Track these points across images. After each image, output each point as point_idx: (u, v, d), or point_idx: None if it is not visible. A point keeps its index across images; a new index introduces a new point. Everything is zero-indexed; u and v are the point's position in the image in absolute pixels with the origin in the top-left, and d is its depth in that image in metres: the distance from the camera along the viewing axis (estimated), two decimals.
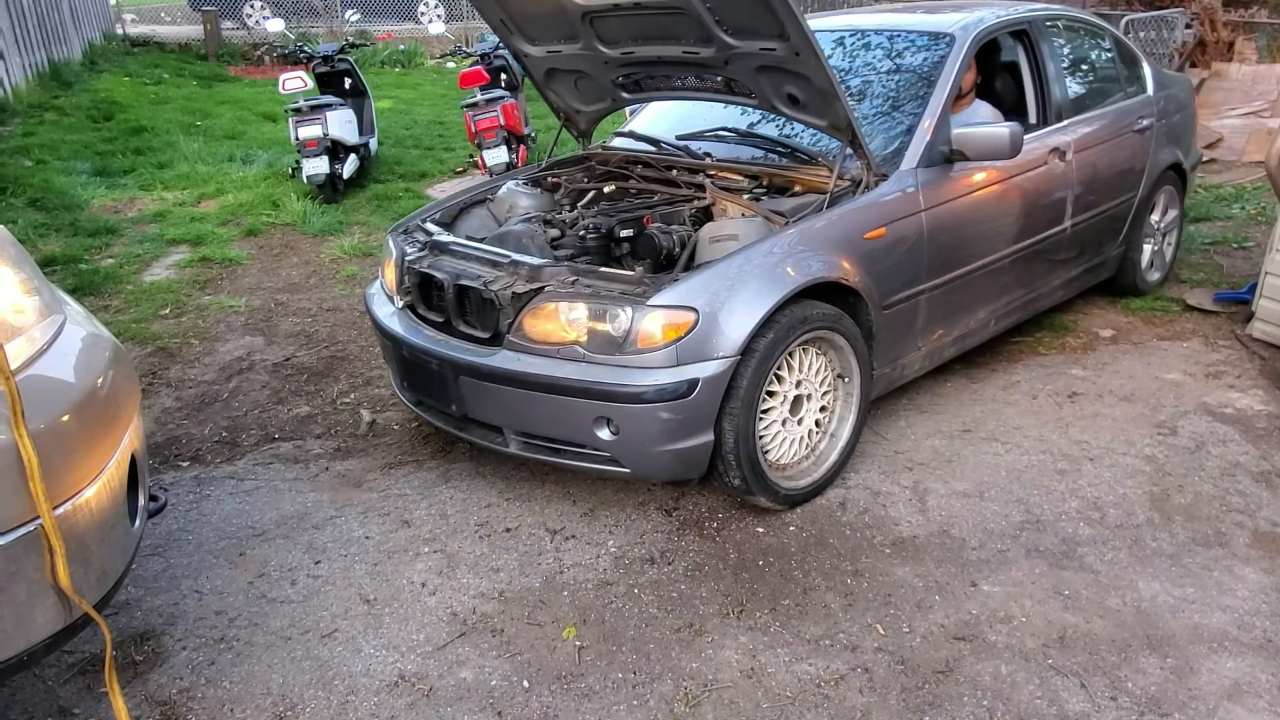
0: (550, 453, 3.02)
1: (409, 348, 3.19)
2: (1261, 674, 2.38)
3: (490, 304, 2.97)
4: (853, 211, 3.19)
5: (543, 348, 2.88)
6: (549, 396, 2.85)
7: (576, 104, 4.07)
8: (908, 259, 3.35)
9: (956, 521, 3.04)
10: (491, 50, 8.20)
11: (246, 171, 7.80)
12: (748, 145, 3.77)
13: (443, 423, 3.28)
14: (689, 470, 2.93)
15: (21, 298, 2.10)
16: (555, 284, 2.91)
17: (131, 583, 2.77)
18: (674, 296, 2.78)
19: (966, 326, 3.78)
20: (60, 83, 11.22)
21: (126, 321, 4.76)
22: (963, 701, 2.31)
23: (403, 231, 3.53)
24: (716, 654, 2.48)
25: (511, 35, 3.74)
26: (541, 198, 3.77)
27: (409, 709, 2.32)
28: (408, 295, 3.30)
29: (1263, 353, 4.21)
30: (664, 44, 3.35)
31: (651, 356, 2.76)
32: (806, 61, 3.00)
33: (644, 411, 2.76)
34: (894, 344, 3.40)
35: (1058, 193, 4.00)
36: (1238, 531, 2.96)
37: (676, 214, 3.37)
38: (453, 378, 3.04)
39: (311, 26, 15.35)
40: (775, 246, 2.97)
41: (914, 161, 3.40)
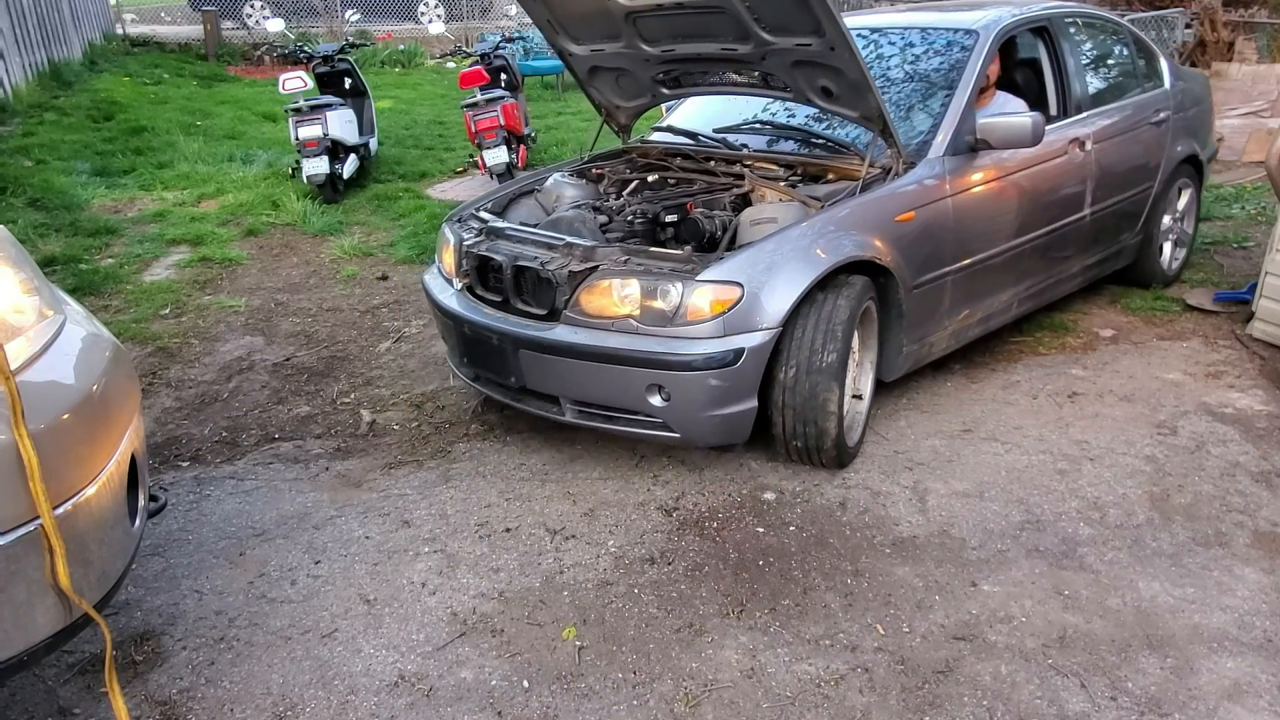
0: (604, 420, 3.21)
1: (470, 325, 3.38)
2: (1261, 674, 2.38)
3: (547, 283, 3.16)
4: (884, 196, 3.38)
5: (598, 321, 3.08)
6: (604, 366, 3.05)
7: (617, 100, 4.27)
8: (935, 242, 3.53)
9: (956, 521, 3.04)
10: (491, 50, 8.21)
11: (246, 171, 7.81)
12: (782, 137, 3.98)
13: (500, 395, 3.47)
14: (734, 435, 3.14)
15: (21, 298, 2.10)
16: (609, 263, 3.11)
17: (131, 583, 2.77)
18: (721, 273, 2.98)
19: (990, 308, 3.95)
20: (60, 83, 11.22)
21: (126, 321, 4.76)
22: (963, 701, 2.31)
23: (458, 220, 3.73)
24: (716, 654, 2.48)
25: (557, 34, 3.94)
26: (586, 188, 3.97)
27: (409, 709, 2.32)
28: (466, 277, 3.47)
29: (1263, 353, 4.21)
30: (703, 41, 3.53)
31: (700, 328, 2.96)
32: (841, 56, 3.18)
33: (694, 379, 2.96)
34: (922, 323, 3.58)
35: (1077, 182, 4.17)
36: (1238, 531, 2.96)
37: (717, 200, 3.58)
38: (512, 351, 3.23)
39: (311, 26, 15.35)
40: (812, 228, 3.17)
41: (941, 150, 3.59)
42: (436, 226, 6.25)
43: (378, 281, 5.44)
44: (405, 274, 5.57)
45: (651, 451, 3.50)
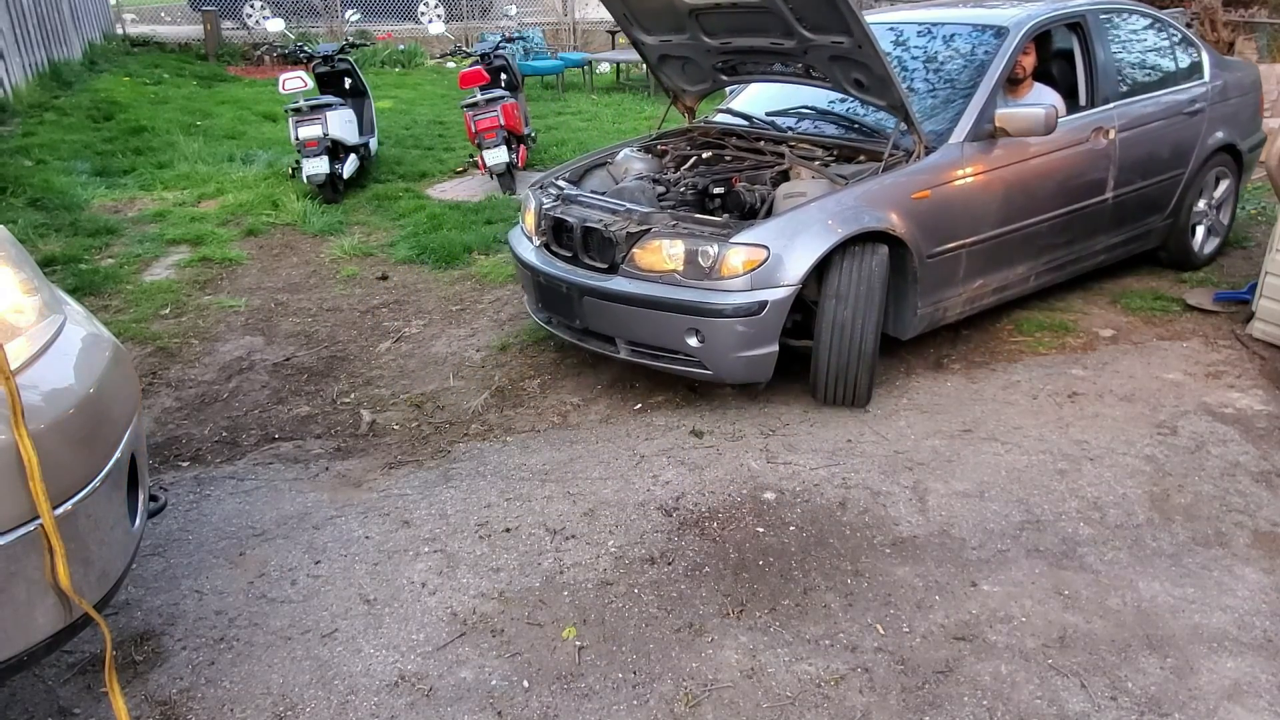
0: (651, 358, 3.76)
1: (545, 275, 3.93)
2: (1261, 674, 2.38)
3: (609, 241, 3.70)
4: (903, 176, 3.80)
5: (648, 274, 3.63)
6: (652, 312, 3.60)
7: (683, 84, 4.83)
8: (950, 218, 3.92)
9: (956, 521, 3.04)
10: (491, 50, 8.21)
11: (246, 171, 7.80)
12: (824, 122, 4.45)
13: (568, 335, 4.05)
14: (757, 374, 3.66)
15: (21, 298, 2.10)
16: (660, 226, 3.66)
17: (131, 583, 2.77)
18: (751, 237, 3.52)
19: (1006, 279, 4.31)
20: (60, 83, 11.22)
21: (126, 321, 4.76)
22: (963, 701, 2.31)
23: (539, 187, 4.27)
24: (716, 654, 2.48)
25: (631, 27, 4.53)
26: (652, 161, 4.48)
27: (409, 709, 2.32)
28: (544, 236, 4.04)
29: (1263, 353, 4.21)
30: (754, 36, 4.05)
31: (732, 282, 3.49)
32: (867, 53, 3.64)
33: (724, 324, 3.50)
34: (936, 289, 3.99)
35: (1099, 167, 4.48)
36: (1238, 531, 2.96)
37: (759, 176, 4.02)
38: (578, 298, 3.79)
39: (311, 26, 15.34)
40: (835, 202, 3.63)
41: (961, 136, 3.97)
42: (437, 226, 6.28)
43: (378, 281, 5.44)
44: (405, 274, 5.57)
45: (651, 451, 3.50)
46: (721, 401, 3.91)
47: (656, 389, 4.03)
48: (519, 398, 4.00)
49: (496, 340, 4.57)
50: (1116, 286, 5.09)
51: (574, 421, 3.78)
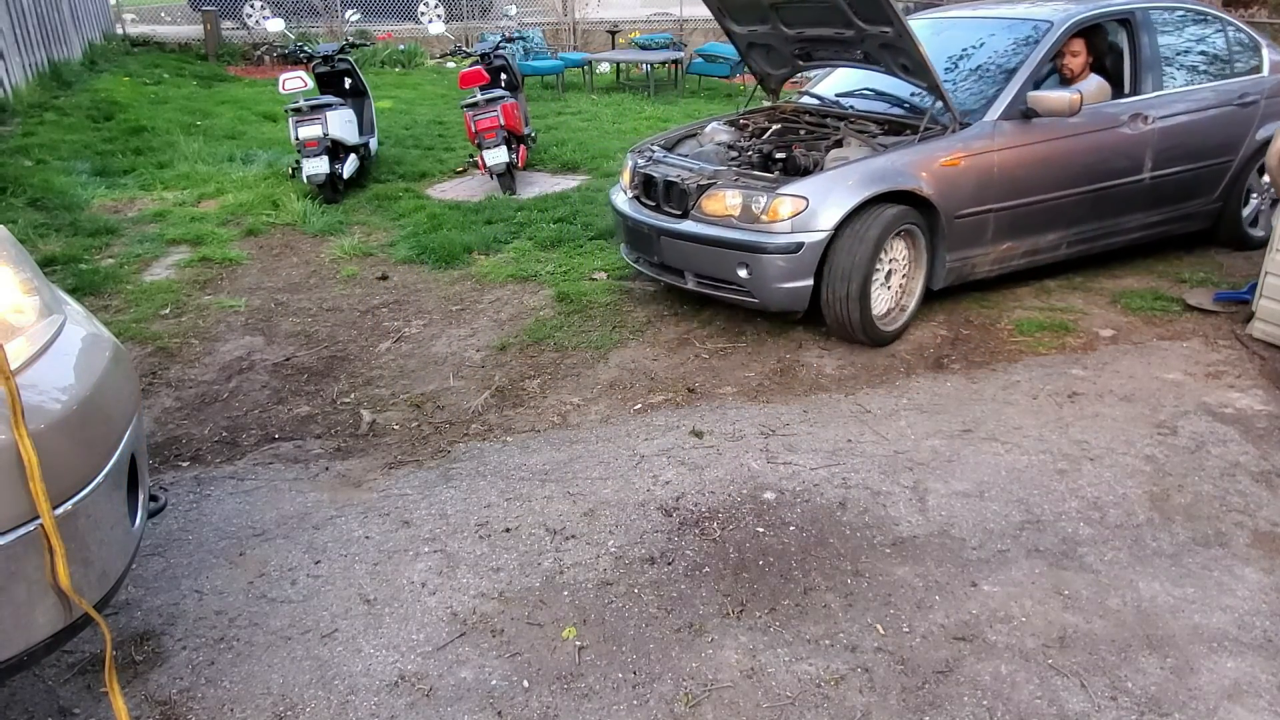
0: (711, 288, 4.50)
1: (633, 221, 4.76)
2: (1261, 674, 2.38)
3: (683, 192, 4.47)
4: (935, 145, 4.42)
5: (711, 218, 4.37)
6: (712, 248, 4.35)
7: (768, 69, 5.59)
8: (978, 184, 4.48)
9: (956, 521, 3.04)
10: (491, 50, 8.20)
11: (246, 171, 7.80)
12: (881, 101, 5.14)
13: (648, 269, 4.86)
14: (795, 304, 4.32)
15: (21, 298, 2.10)
16: (723, 180, 4.42)
17: (131, 583, 2.77)
18: (794, 189, 4.21)
19: (1035, 245, 4.82)
20: (60, 83, 11.22)
21: (126, 321, 4.76)
22: (963, 701, 2.31)
23: (636, 151, 5.09)
24: (716, 654, 2.48)
25: (724, 18, 5.31)
26: (734, 133, 5.23)
27: (409, 709, 2.32)
28: (636, 190, 4.86)
29: (1263, 353, 4.21)
30: (823, 27, 4.77)
31: (777, 225, 4.19)
32: (905, 41, 4.28)
33: (769, 260, 4.21)
34: (964, 246, 4.57)
35: (1135, 149, 4.90)
36: (1238, 531, 2.96)
37: (816, 144, 4.72)
38: (656, 238, 4.58)
39: (311, 26, 15.34)
40: (870, 165, 4.29)
41: (996, 114, 4.55)
42: (437, 226, 6.28)
43: (378, 281, 5.44)
44: (405, 274, 5.57)
45: (651, 451, 3.50)
46: (721, 401, 3.91)
47: (656, 389, 4.04)
48: (519, 398, 4.00)
49: (496, 340, 4.57)
50: (1116, 286, 5.09)
51: (574, 421, 3.78)
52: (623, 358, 4.36)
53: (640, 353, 4.41)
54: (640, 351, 4.42)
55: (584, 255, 5.82)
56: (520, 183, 7.56)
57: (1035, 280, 5.16)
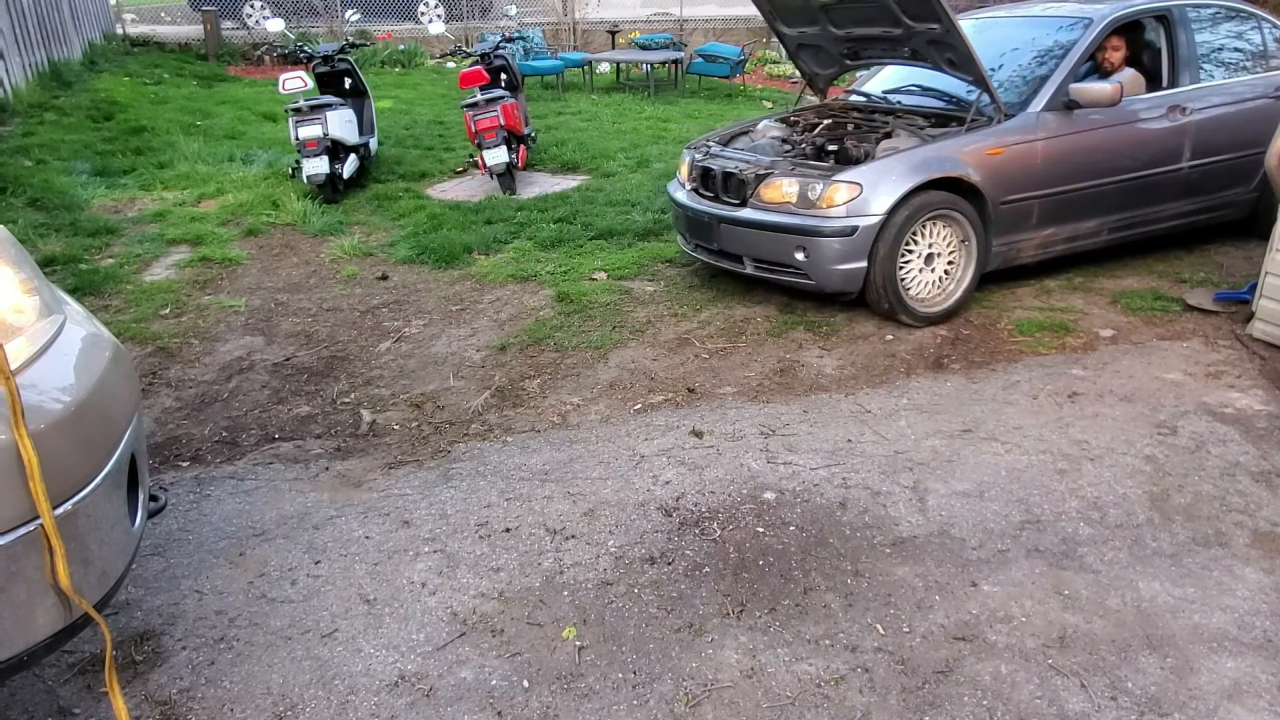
0: (769, 271, 4.75)
1: (692, 210, 5.04)
2: (1261, 674, 2.38)
3: (741, 183, 4.76)
4: (981, 135, 4.65)
5: (770, 206, 4.64)
6: (770, 233, 4.63)
7: (816, 68, 5.90)
8: (1022, 173, 4.71)
9: (956, 521, 3.04)
10: (491, 50, 8.20)
11: (246, 171, 7.80)
12: (927, 97, 5.39)
13: (707, 256, 5.10)
14: (850, 285, 4.57)
15: (21, 298, 2.10)
16: (779, 170, 4.71)
17: (131, 583, 2.77)
18: (849, 176, 4.47)
19: (1076, 231, 5.02)
20: (60, 83, 11.22)
21: (126, 321, 4.76)
22: (963, 701, 2.31)
23: (693, 147, 5.37)
24: (716, 654, 2.48)
25: (774, 20, 5.61)
26: (785, 129, 5.48)
27: (409, 709, 2.32)
28: (694, 182, 5.14)
29: (1263, 353, 4.21)
30: (871, 26, 5.02)
31: (832, 211, 4.45)
32: (953, 37, 4.53)
33: (825, 243, 4.47)
34: (1009, 232, 4.80)
35: (1173, 139, 5.10)
36: (1238, 531, 2.96)
37: (866, 137, 4.96)
38: (716, 226, 4.86)
39: (311, 26, 15.34)
40: (919, 154, 4.53)
41: (1039, 106, 4.77)
42: (437, 226, 6.28)
43: (378, 281, 5.44)
44: (405, 274, 5.57)
45: (651, 451, 3.50)
46: (721, 401, 3.91)
47: (656, 389, 4.04)
48: (519, 398, 4.00)
49: (496, 340, 4.57)
50: (1116, 286, 5.09)
51: (574, 421, 3.78)
52: (623, 358, 4.36)
53: (640, 353, 4.41)
54: (640, 351, 4.42)
55: (584, 255, 5.82)
56: (520, 183, 7.56)
57: (1035, 280, 5.17)
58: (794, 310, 4.87)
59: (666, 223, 6.38)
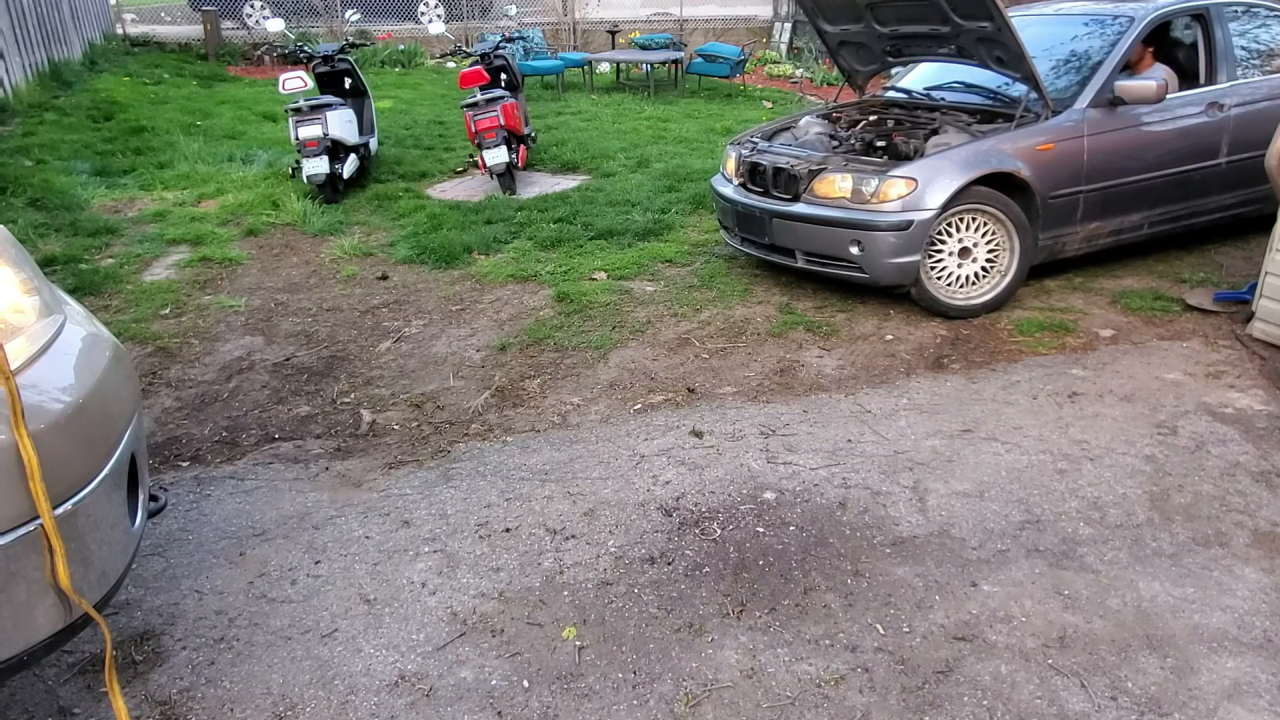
0: (821, 265, 4.84)
1: (742, 205, 5.13)
2: (1261, 674, 2.38)
3: (793, 178, 4.86)
4: (1030, 132, 4.74)
5: (823, 201, 4.74)
6: (824, 228, 4.72)
7: (857, 66, 6.02)
8: (1070, 168, 4.80)
9: (956, 521, 3.04)
10: (491, 50, 8.20)
11: (246, 171, 7.80)
12: (970, 93, 5.49)
13: (756, 250, 5.20)
14: (903, 278, 4.64)
15: (21, 298, 2.10)
16: (833, 165, 4.79)
17: (131, 583, 2.77)
18: (904, 171, 4.57)
19: (1121, 225, 5.11)
20: (60, 82, 11.22)
21: (126, 321, 4.76)
22: (963, 701, 2.31)
23: (737, 143, 5.48)
24: (716, 654, 2.48)
25: (817, 18, 5.76)
26: (827, 125, 5.57)
27: (409, 709, 2.32)
28: (741, 177, 5.23)
29: (1263, 353, 4.21)
30: (918, 24, 5.14)
31: (887, 205, 4.54)
32: (1006, 35, 4.61)
33: (880, 236, 4.54)
34: (1056, 226, 4.89)
35: (1212, 135, 5.18)
36: (1238, 531, 2.96)
37: (914, 133, 5.05)
38: (768, 220, 4.95)
39: (311, 26, 15.34)
40: (971, 149, 4.63)
41: (1085, 102, 4.87)
42: (437, 226, 6.28)
43: (378, 281, 5.44)
44: (405, 274, 5.57)
45: (651, 451, 3.50)
46: (721, 401, 3.91)
47: (656, 389, 4.04)
48: (519, 398, 4.00)
49: (496, 340, 4.57)
50: (1116, 286, 5.09)
51: (574, 421, 3.78)
52: (623, 358, 4.36)
53: (640, 353, 4.41)
54: (640, 351, 4.42)
55: (584, 255, 5.82)
56: (520, 183, 7.56)
57: (1035, 280, 5.16)
58: (794, 310, 4.87)
59: (667, 223, 6.38)
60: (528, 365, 4.30)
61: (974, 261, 4.75)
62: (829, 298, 5.05)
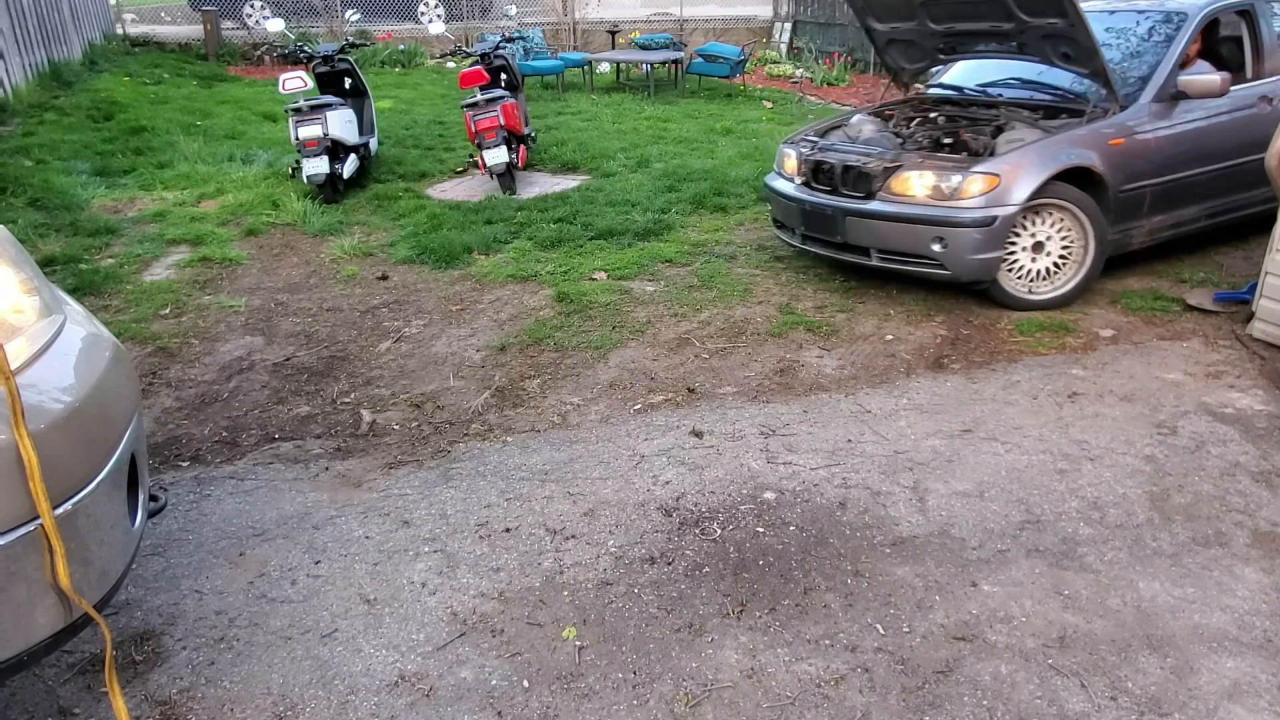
0: (897, 263, 4.83)
1: (810, 204, 5.10)
2: (1261, 674, 2.38)
3: (864, 175, 4.84)
4: (1101, 126, 4.81)
5: (900, 198, 4.74)
6: (905, 225, 4.72)
7: (904, 64, 6.01)
8: (1138, 162, 4.87)
9: (956, 521, 3.04)
10: (491, 50, 8.20)
11: (246, 171, 7.80)
12: (1027, 90, 5.47)
13: (823, 249, 5.17)
14: (986, 273, 4.68)
15: (21, 298, 2.10)
16: (909, 163, 4.81)
17: (131, 583, 2.77)
18: (987, 167, 4.61)
19: (1180, 217, 5.18)
20: (60, 82, 11.22)
21: (126, 321, 4.76)
22: (963, 701, 2.31)
23: (792, 142, 5.52)
24: (716, 654, 2.48)
25: (866, 16, 5.72)
26: (880, 123, 5.57)
27: (409, 709, 2.32)
28: (804, 176, 5.20)
29: (1263, 353, 4.21)
30: (977, 21, 5.15)
31: (970, 202, 4.58)
32: (1079, 32, 4.64)
33: (964, 233, 4.57)
34: (1125, 220, 4.96)
35: (1262, 128, 5.12)
36: (1238, 531, 2.96)
37: (980, 129, 5.08)
38: (841, 219, 4.92)
39: (311, 26, 15.35)
40: (1049, 145, 4.66)
41: (1149, 97, 4.95)
42: (437, 226, 6.28)
43: (378, 281, 5.44)
44: (405, 274, 5.57)
45: (651, 451, 3.50)
46: (721, 401, 3.91)
47: (656, 389, 4.04)
48: (519, 398, 4.00)
49: (496, 340, 4.57)
50: (1117, 286, 5.09)
51: (574, 421, 3.78)
52: (623, 358, 4.36)
53: (640, 353, 4.41)
54: (640, 351, 4.42)
55: (584, 255, 5.82)
56: (520, 183, 7.56)
57: None
58: (794, 310, 4.87)
59: (667, 223, 6.38)
60: (528, 365, 4.30)
61: (1047, 255, 4.78)
62: (829, 298, 5.06)
